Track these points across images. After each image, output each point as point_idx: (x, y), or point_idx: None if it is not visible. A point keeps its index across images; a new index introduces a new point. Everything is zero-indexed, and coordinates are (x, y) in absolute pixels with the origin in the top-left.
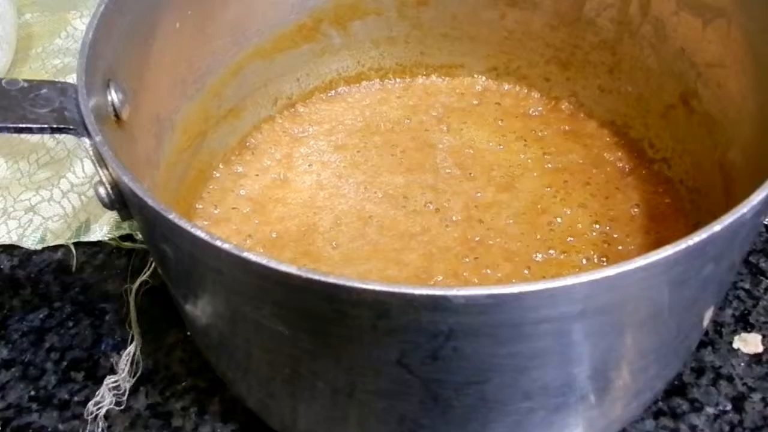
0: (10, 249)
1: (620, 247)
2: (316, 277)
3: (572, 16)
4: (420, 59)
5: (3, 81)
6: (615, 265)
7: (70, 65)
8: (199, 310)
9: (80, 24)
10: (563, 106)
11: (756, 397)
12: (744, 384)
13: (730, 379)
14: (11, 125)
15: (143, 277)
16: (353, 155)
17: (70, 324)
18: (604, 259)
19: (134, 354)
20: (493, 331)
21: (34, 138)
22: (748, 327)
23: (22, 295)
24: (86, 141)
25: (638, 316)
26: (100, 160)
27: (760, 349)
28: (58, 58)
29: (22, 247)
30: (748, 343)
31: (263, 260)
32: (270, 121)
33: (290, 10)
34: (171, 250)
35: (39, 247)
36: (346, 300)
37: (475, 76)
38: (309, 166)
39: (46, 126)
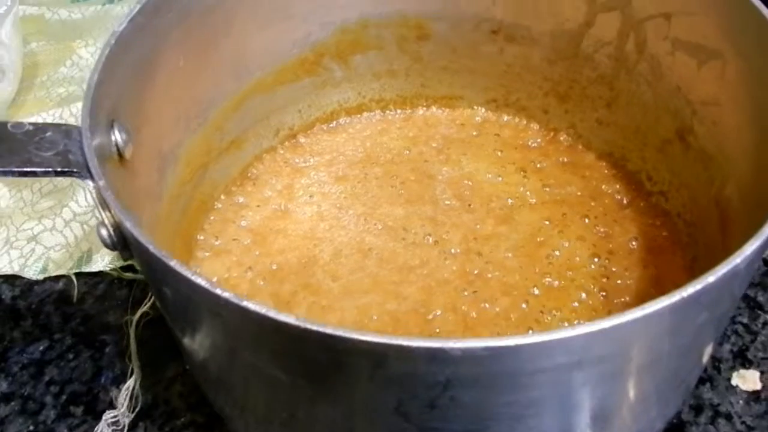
0: (11, 279)
1: (619, 281)
2: (314, 327)
3: (570, 52)
4: (420, 91)
5: (9, 124)
6: (610, 318)
7: (75, 93)
8: (197, 345)
9: (85, 53)
10: (562, 138)
11: None
12: (743, 422)
13: (728, 417)
14: (16, 169)
15: (144, 309)
16: (354, 186)
17: (70, 356)
18: (604, 293)
19: (133, 388)
20: (490, 381)
21: None
22: (747, 363)
23: (22, 327)
24: (89, 183)
25: (636, 363)
26: (103, 203)
27: (758, 386)
28: (63, 87)
29: (24, 277)
30: (747, 380)
31: (262, 309)
32: (271, 151)
33: (292, 44)
34: (170, 292)
35: (41, 277)
36: (343, 350)
37: (475, 107)
38: (310, 197)
39: (50, 169)
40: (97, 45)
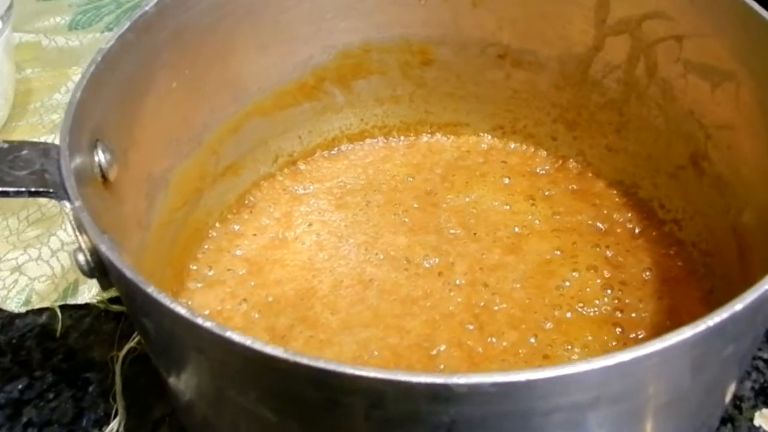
0: None
1: (633, 314)
2: (305, 360)
3: (578, 77)
4: (424, 117)
5: None
6: (629, 350)
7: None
8: (183, 384)
9: None
10: (570, 165)
11: None
12: None
13: None
14: None
15: (131, 344)
16: (355, 214)
17: (51, 396)
18: (619, 329)
19: (117, 430)
20: (499, 422)
21: None
22: None
23: (1, 363)
24: (66, 205)
25: (657, 401)
26: (80, 226)
27: None
28: (57, 113)
29: (5, 310)
30: None
31: (247, 341)
32: (270, 178)
33: (292, 68)
34: (152, 325)
35: (23, 309)
36: (337, 387)
37: (481, 134)
38: (309, 225)
39: (23, 189)
40: None
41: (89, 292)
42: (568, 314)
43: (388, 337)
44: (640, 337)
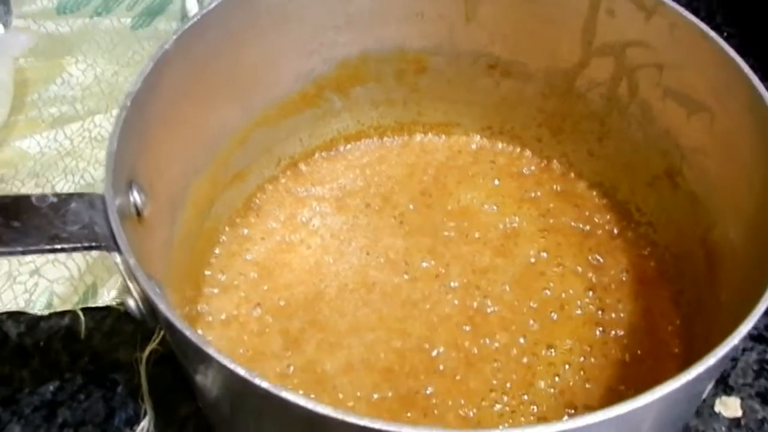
0: (15, 315)
1: (613, 315)
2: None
3: (563, 88)
4: (417, 118)
5: (33, 198)
6: (579, 417)
7: (68, 114)
8: (210, 383)
9: (75, 70)
10: (554, 166)
11: None
12: None
13: None
14: (47, 247)
15: (153, 345)
16: (355, 216)
17: (82, 397)
18: (600, 328)
19: (147, 429)
20: None
21: None
22: (728, 390)
23: (31, 366)
24: (117, 257)
25: None
26: (130, 276)
27: (739, 413)
28: (55, 107)
29: (29, 313)
30: (728, 407)
31: (304, 402)
32: (273, 180)
33: (294, 80)
34: (201, 373)
35: (46, 312)
36: None
37: (471, 134)
38: (312, 227)
39: (78, 245)
40: (87, 62)
41: (108, 295)
42: (554, 316)
43: (392, 340)
44: (618, 336)
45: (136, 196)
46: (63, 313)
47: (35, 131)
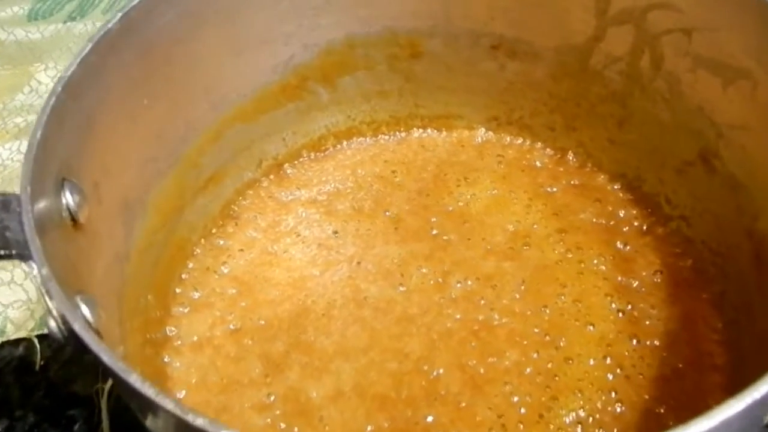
0: None
1: (647, 322)
2: None
3: (577, 68)
4: (414, 111)
5: None
6: None
7: (34, 123)
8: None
9: (45, 77)
10: (570, 157)
11: None
12: None
13: None
14: None
15: None
16: (345, 222)
17: None
18: (635, 340)
19: None
20: None
21: None
22: None
23: None
24: (33, 266)
25: None
26: (48, 292)
27: None
28: (21, 116)
29: None
30: None
31: None
32: (254, 185)
33: (272, 70)
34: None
35: None
36: None
37: (475, 127)
38: (297, 236)
39: None
40: (58, 68)
41: None
42: (575, 328)
43: (386, 362)
44: (655, 346)
45: (69, 198)
46: (17, 342)
47: None
